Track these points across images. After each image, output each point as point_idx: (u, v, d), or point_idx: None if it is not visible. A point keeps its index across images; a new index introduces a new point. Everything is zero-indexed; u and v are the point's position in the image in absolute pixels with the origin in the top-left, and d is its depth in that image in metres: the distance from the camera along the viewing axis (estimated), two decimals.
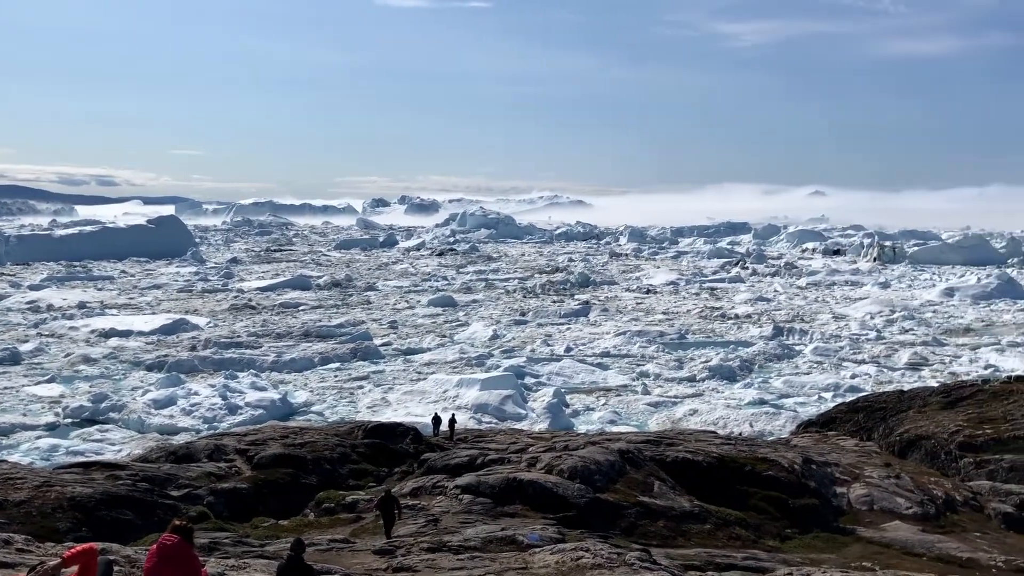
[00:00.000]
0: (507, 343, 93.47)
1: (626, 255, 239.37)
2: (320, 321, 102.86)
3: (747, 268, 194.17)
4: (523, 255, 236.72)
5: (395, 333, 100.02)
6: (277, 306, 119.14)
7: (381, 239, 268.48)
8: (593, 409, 66.86)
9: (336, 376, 75.68)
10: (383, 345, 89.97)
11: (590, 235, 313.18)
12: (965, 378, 61.39)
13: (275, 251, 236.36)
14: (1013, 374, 53.67)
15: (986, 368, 79.34)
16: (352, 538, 20.05)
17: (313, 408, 63.99)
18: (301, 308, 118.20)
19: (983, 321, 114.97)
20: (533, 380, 74.24)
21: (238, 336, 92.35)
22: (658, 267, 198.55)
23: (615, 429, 52.40)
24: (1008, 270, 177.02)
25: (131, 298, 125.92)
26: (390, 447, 33.10)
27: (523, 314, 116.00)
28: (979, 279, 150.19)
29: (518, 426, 55.57)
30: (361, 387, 71.32)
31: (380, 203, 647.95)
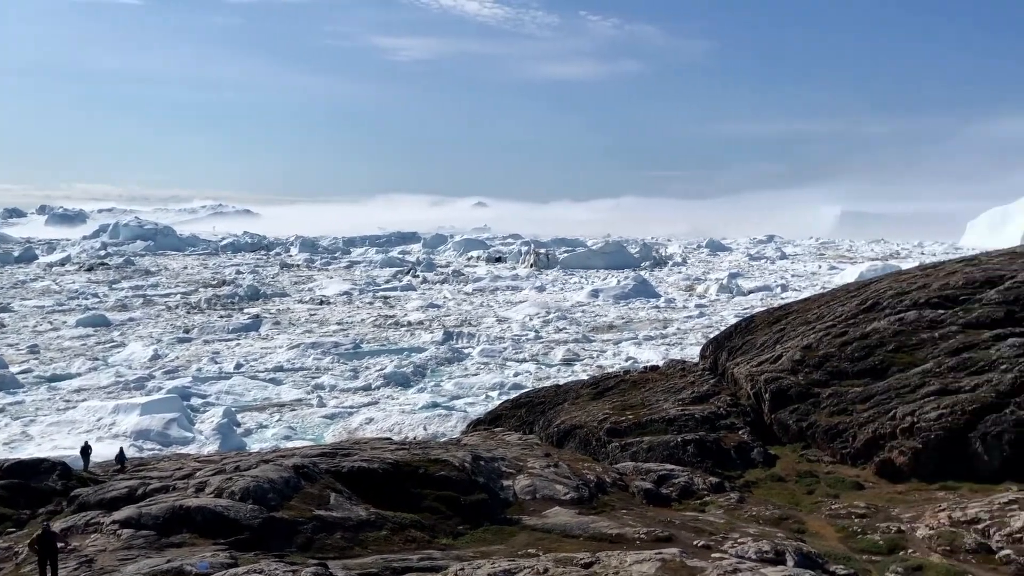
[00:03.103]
0: (170, 363, 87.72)
1: (298, 266, 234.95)
2: None
3: (418, 276, 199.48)
4: (186, 268, 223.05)
5: (37, 358, 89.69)
6: None
7: (16, 253, 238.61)
8: (267, 426, 64.91)
9: None
10: (22, 373, 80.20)
11: (259, 246, 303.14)
12: (610, 370, 67.86)
13: None
14: (649, 364, 60.39)
15: (627, 360, 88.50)
16: None
17: None
18: None
19: (623, 318, 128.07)
20: (200, 400, 70.42)
21: None
22: (331, 277, 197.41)
23: (290, 445, 51.28)
24: (642, 272, 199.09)
25: None
26: (32, 486, 29.56)
27: (187, 331, 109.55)
28: (619, 281, 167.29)
29: (185, 450, 52.42)
30: None
31: (14, 213, 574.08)
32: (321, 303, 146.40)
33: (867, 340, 41.07)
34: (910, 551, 24.14)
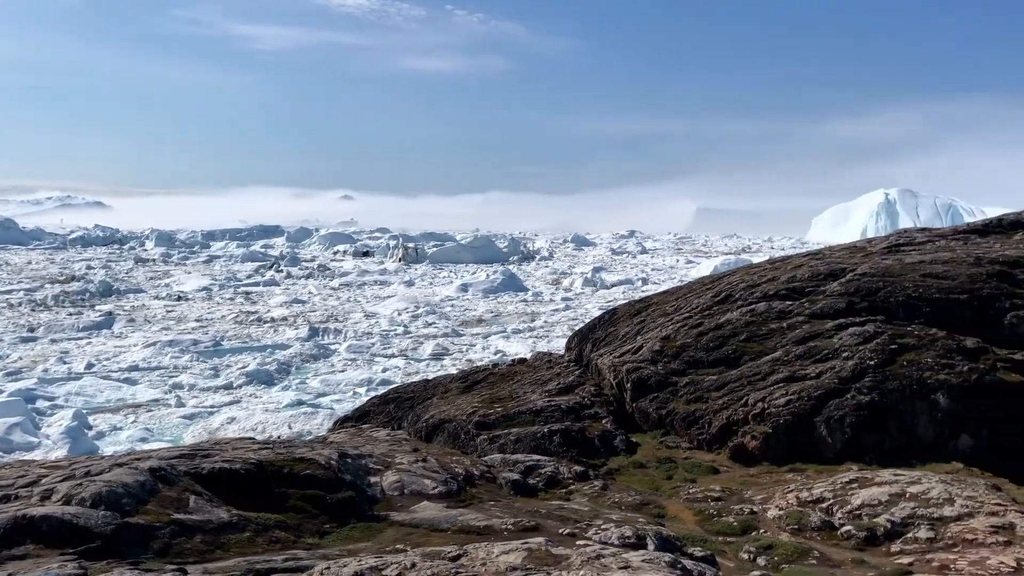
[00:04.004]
0: (12, 364, 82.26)
1: (153, 260, 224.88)
2: None
3: (282, 271, 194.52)
4: (30, 263, 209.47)
5: None
6: None
7: None
8: (121, 428, 61.90)
9: None
10: None
11: (111, 240, 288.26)
12: (480, 363, 68.26)
13: None
14: (517, 356, 61.11)
15: (496, 353, 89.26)
16: None
17: None
18: None
19: (492, 312, 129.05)
20: (47, 403, 66.40)
21: None
22: (189, 272, 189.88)
23: (147, 447, 49.11)
24: (510, 266, 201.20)
25: None
26: None
27: (32, 330, 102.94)
28: (488, 275, 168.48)
29: (30, 456, 49.34)
30: None
31: None
32: (179, 299, 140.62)
33: (721, 331, 42.96)
34: (762, 531, 25.46)
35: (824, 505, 27.01)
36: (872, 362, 36.91)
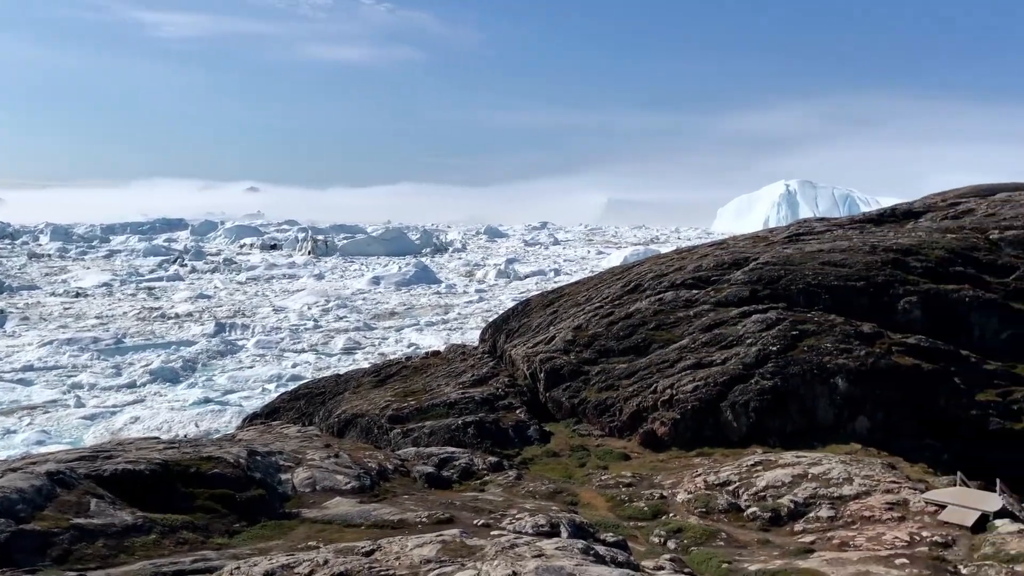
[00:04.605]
0: None
1: (49, 256, 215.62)
2: None
3: (186, 265, 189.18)
4: None
5: None
6: None
7: None
8: (16, 431, 59.33)
9: None
10: None
11: (3, 234, 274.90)
12: (392, 357, 67.87)
13: None
14: (430, 349, 60.95)
15: (409, 346, 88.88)
16: None
17: None
18: None
19: (405, 305, 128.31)
20: None
21: None
22: (88, 268, 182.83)
23: (44, 450, 47.18)
24: (423, 259, 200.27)
25: None
26: None
27: None
28: (400, 268, 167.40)
29: None
30: None
31: None
32: (77, 296, 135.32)
33: (631, 320, 43.71)
34: (671, 515, 26.08)
35: (731, 488, 27.84)
36: (774, 348, 38.17)
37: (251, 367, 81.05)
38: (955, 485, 26.90)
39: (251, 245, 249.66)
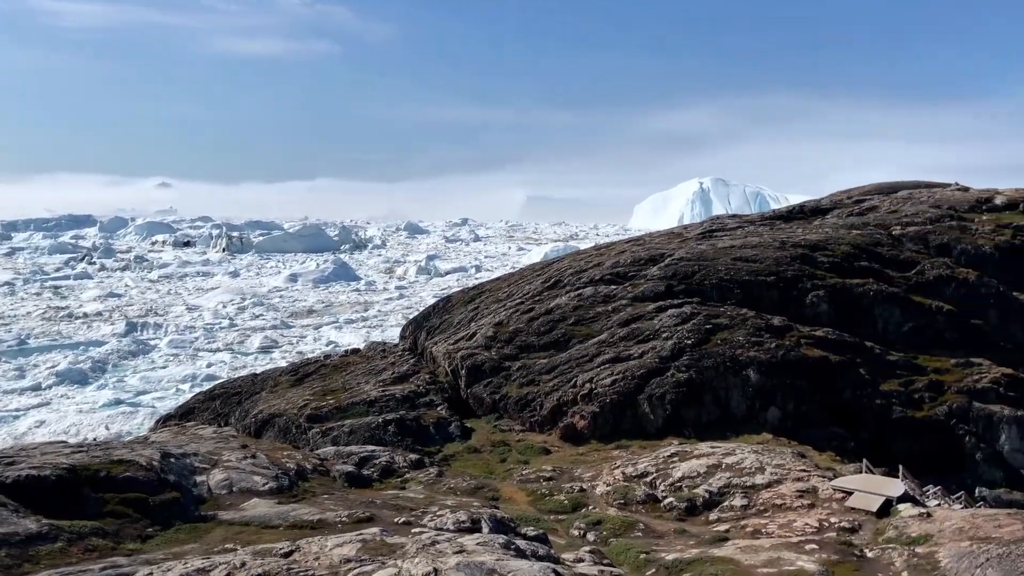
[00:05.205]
0: None
1: None
2: None
3: (95, 263, 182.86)
4: None
5: None
6: None
7: None
8: None
9: None
10: None
11: None
12: (311, 355, 66.96)
13: None
14: (350, 347, 60.31)
15: (328, 344, 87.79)
16: None
17: None
18: None
19: (323, 302, 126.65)
20: None
21: None
22: None
23: None
24: (341, 255, 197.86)
25: None
26: None
27: None
28: (318, 264, 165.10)
29: None
30: None
31: None
32: None
33: (551, 315, 44.13)
34: (591, 507, 26.45)
35: (648, 479, 28.40)
36: (689, 341, 39.07)
37: (164, 367, 78.94)
38: (861, 472, 28.02)
39: (163, 242, 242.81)
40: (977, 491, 34.82)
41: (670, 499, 26.22)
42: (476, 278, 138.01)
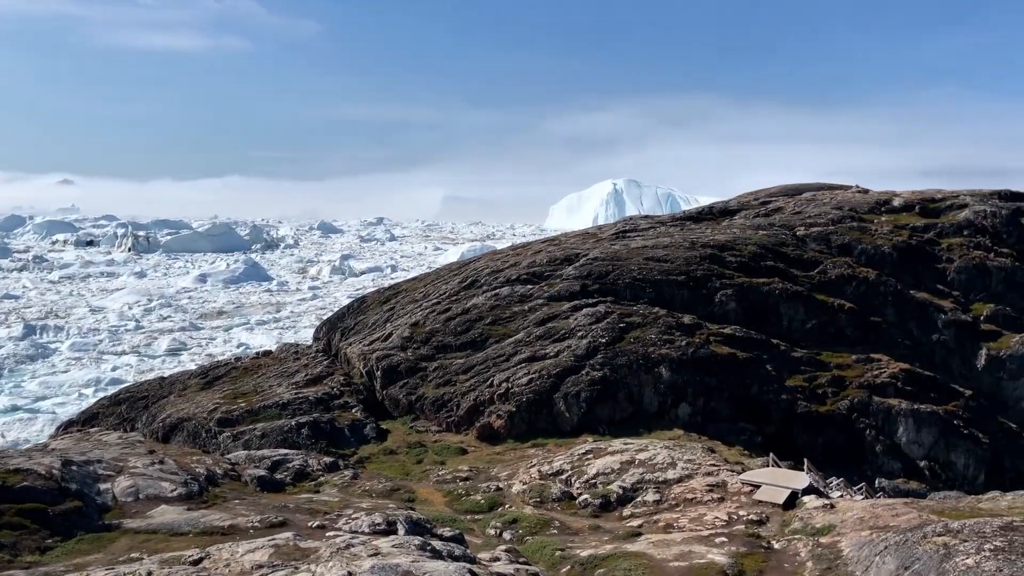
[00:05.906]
0: None
1: None
2: None
3: None
4: None
5: None
6: None
7: None
8: None
9: None
10: None
11: None
12: (221, 358, 65.45)
13: None
14: (261, 349, 59.14)
15: (239, 346, 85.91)
16: None
17: None
18: None
19: (234, 303, 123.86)
20: None
21: None
22: None
23: None
24: (253, 255, 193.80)
25: None
26: None
27: None
28: (228, 264, 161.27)
29: None
30: None
31: None
32: None
33: (468, 315, 44.16)
34: (507, 506, 26.57)
35: (564, 477, 28.69)
36: (603, 340, 39.64)
37: (66, 371, 75.97)
38: (768, 466, 28.93)
39: (65, 241, 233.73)
40: (877, 482, 36.35)
41: (585, 496, 26.55)
42: (392, 278, 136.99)
